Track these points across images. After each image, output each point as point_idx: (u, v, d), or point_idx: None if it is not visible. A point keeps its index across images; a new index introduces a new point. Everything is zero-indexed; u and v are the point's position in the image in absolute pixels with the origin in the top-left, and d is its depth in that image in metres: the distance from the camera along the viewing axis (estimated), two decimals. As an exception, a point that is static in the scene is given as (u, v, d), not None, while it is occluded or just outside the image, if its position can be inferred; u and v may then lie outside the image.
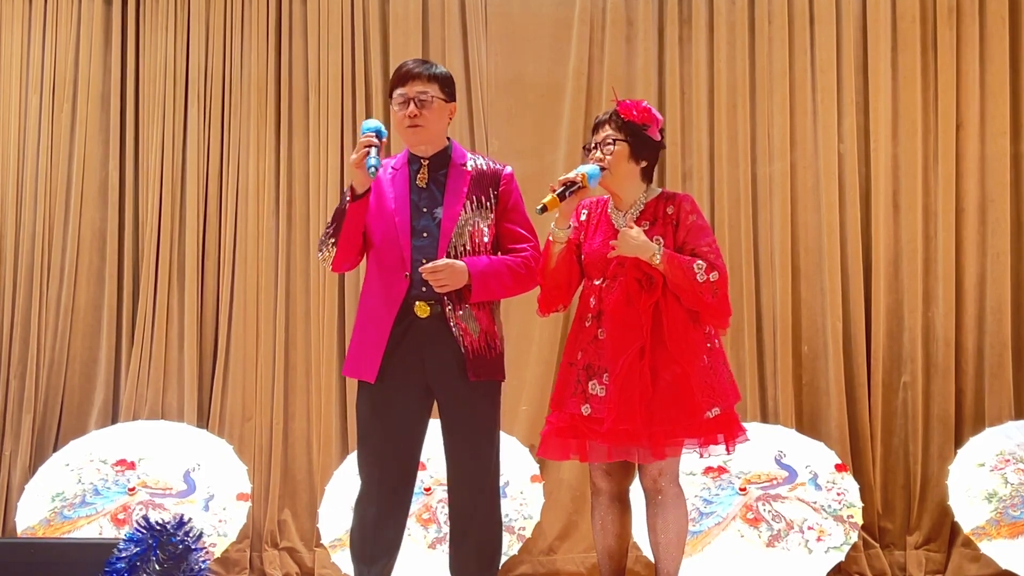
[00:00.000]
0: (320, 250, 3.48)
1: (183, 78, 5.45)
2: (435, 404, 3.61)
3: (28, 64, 5.49)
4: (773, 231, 5.28)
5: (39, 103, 5.46)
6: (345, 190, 3.38)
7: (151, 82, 5.45)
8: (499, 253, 3.57)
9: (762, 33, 5.34)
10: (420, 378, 3.47)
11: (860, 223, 5.26)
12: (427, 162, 3.49)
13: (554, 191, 3.54)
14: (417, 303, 3.43)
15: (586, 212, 3.75)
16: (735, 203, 5.30)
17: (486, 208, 3.53)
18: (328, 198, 5.35)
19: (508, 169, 3.64)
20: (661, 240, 3.55)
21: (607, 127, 3.66)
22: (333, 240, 3.40)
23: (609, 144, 3.62)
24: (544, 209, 3.51)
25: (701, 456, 3.59)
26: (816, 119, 5.31)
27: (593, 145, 3.68)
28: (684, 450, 3.56)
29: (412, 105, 3.44)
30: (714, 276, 3.48)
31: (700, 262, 3.49)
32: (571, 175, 3.55)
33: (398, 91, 3.48)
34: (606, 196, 3.75)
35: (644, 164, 3.65)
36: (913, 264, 5.23)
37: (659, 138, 3.68)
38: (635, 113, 3.62)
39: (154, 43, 5.46)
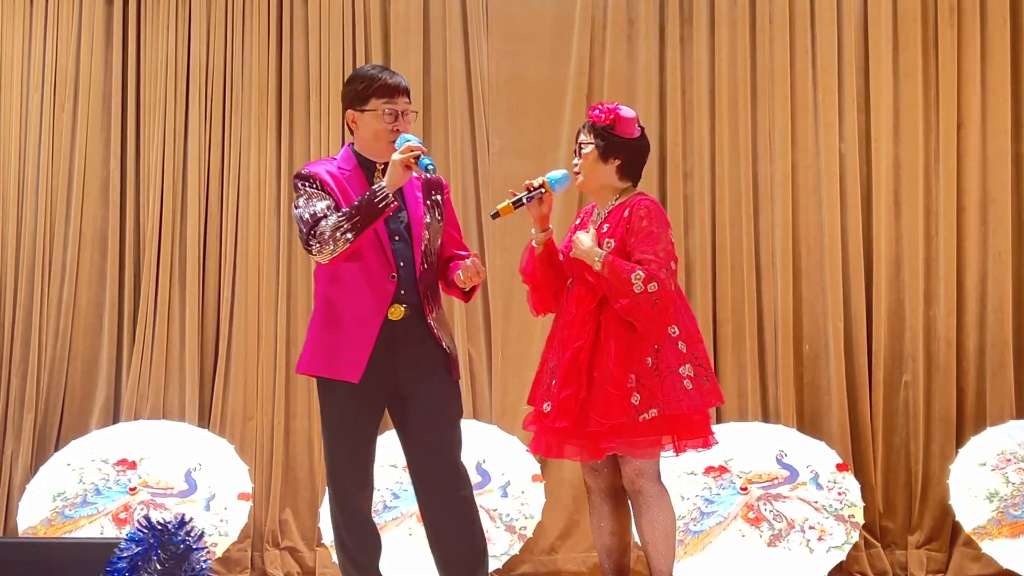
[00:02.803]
0: (319, 243, 3.40)
1: (184, 77, 5.44)
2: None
3: (29, 62, 5.49)
4: (774, 230, 5.28)
5: (40, 101, 5.46)
6: (377, 191, 3.40)
7: (152, 81, 5.44)
8: (438, 259, 3.67)
9: (763, 32, 5.34)
10: (390, 379, 3.51)
11: (861, 222, 5.26)
12: (381, 167, 3.54)
13: (513, 195, 3.63)
14: (393, 306, 3.48)
15: (580, 218, 3.84)
16: (736, 203, 5.30)
17: (437, 213, 3.63)
18: (329, 197, 5.34)
19: (444, 180, 3.77)
20: (612, 243, 3.58)
21: (582, 133, 3.72)
22: (353, 235, 3.38)
23: (582, 149, 3.69)
24: (497, 215, 3.64)
25: (635, 457, 3.56)
26: (817, 118, 5.31)
27: (574, 150, 3.76)
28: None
29: (400, 119, 3.54)
30: (653, 287, 3.46)
31: (640, 272, 3.46)
32: (535, 181, 3.64)
33: (386, 102, 3.53)
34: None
35: (618, 163, 3.66)
36: (914, 263, 5.23)
37: (635, 134, 3.69)
38: (599, 115, 3.66)
39: (155, 42, 5.46)
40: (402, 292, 3.49)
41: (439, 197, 3.66)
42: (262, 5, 5.45)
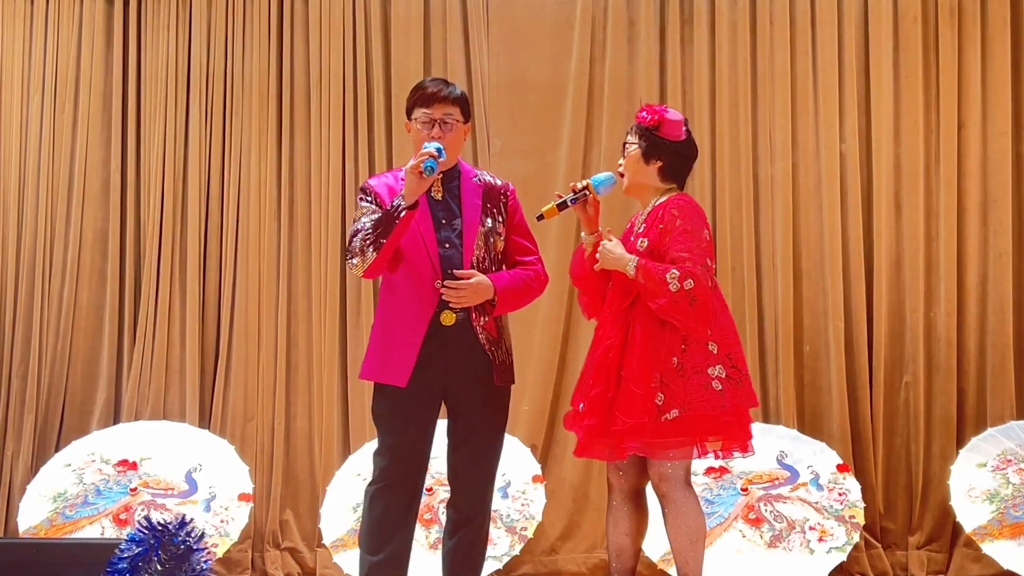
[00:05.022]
0: (352, 257, 3.52)
1: (185, 78, 5.45)
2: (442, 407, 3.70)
3: (30, 64, 5.50)
4: (775, 231, 5.28)
5: (41, 103, 5.47)
6: (394, 202, 3.46)
7: (153, 82, 5.45)
8: (505, 265, 3.71)
9: (764, 33, 5.34)
10: (440, 383, 3.58)
11: (862, 223, 5.26)
12: (440, 176, 3.61)
13: (559, 197, 3.65)
14: (444, 312, 3.54)
15: (631, 222, 3.83)
16: (737, 203, 5.30)
17: (498, 221, 3.66)
18: (329, 198, 5.35)
19: (511, 185, 3.79)
20: (645, 242, 3.58)
21: (629, 134, 3.74)
22: (375, 248, 3.45)
23: (626, 149, 3.72)
24: (542, 217, 3.68)
25: (656, 458, 3.57)
26: (818, 119, 5.31)
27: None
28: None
29: (437, 127, 3.58)
30: (689, 284, 3.45)
31: (674, 271, 3.46)
32: (579, 183, 3.67)
33: (422, 111, 3.60)
34: None
35: (660, 164, 3.67)
36: (915, 264, 5.23)
37: (681, 136, 3.70)
38: (646, 116, 3.67)
39: (156, 43, 5.47)
40: None
41: (503, 204, 3.68)
42: (262, 6, 5.45)
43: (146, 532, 2.95)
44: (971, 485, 4.79)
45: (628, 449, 3.55)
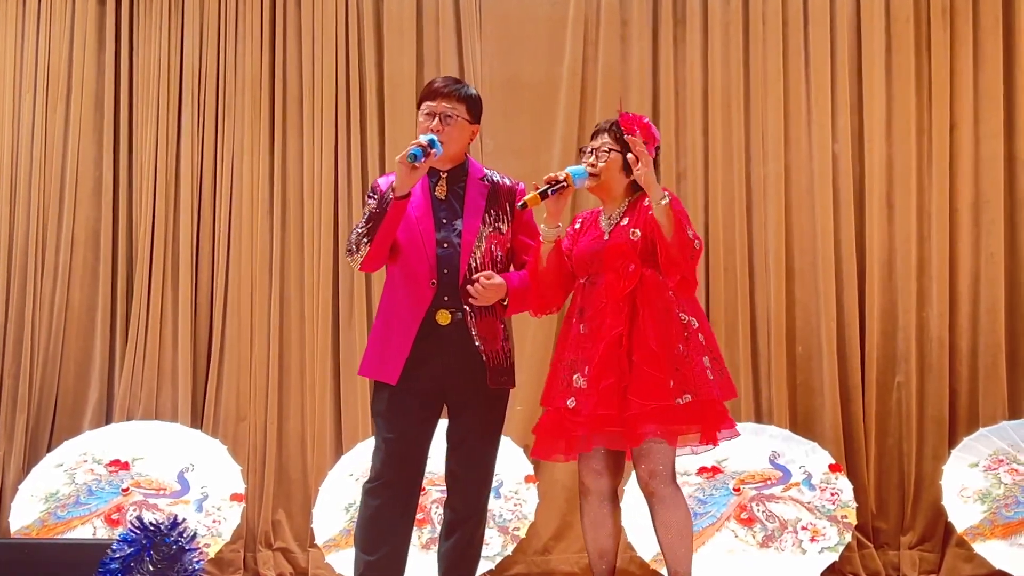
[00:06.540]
0: (350, 250, 3.53)
1: (177, 78, 5.45)
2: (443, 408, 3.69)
3: (22, 63, 5.49)
4: (767, 232, 5.29)
5: (33, 102, 5.46)
6: (386, 193, 3.45)
7: (145, 82, 5.45)
8: (512, 265, 3.68)
9: (756, 34, 5.35)
10: (436, 383, 3.56)
11: (854, 224, 5.27)
12: (445, 175, 3.61)
13: (537, 188, 3.61)
14: (440, 311, 3.51)
15: (580, 221, 3.82)
16: (729, 204, 5.30)
17: (503, 221, 3.64)
18: (322, 198, 5.35)
19: (521, 185, 3.76)
20: (638, 232, 3.57)
21: (605, 135, 3.69)
22: (368, 239, 3.46)
23: (604, 152, 3.66)
24: (524, 205, 3.61)
25: (672, 445, 3.56)
26: (810, 120, 5.32)
27: (589, 149, 3.71)
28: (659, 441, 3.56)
29: (436, 120, 3.54)
30: (697, 244, 3.48)
31: (690, 229, 3.49)
32: (557, 174, 3.62)
33: (427, 104, 3.58)
34: (600, 208, 3.79)
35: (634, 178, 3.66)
36: (907, 265, 5.23)
37: (653, 155, 3.69)
38: (635, 128, 3.63)
39: (148, 43, 5.46)
40: (445, 299, 3.52)
41: (510, 205, 3.66)
42: (255, 7, 5.45)
43: (138, 532, 2.94)
44: (963, 485, 4.80)
45: (645, 434, 3.52)
